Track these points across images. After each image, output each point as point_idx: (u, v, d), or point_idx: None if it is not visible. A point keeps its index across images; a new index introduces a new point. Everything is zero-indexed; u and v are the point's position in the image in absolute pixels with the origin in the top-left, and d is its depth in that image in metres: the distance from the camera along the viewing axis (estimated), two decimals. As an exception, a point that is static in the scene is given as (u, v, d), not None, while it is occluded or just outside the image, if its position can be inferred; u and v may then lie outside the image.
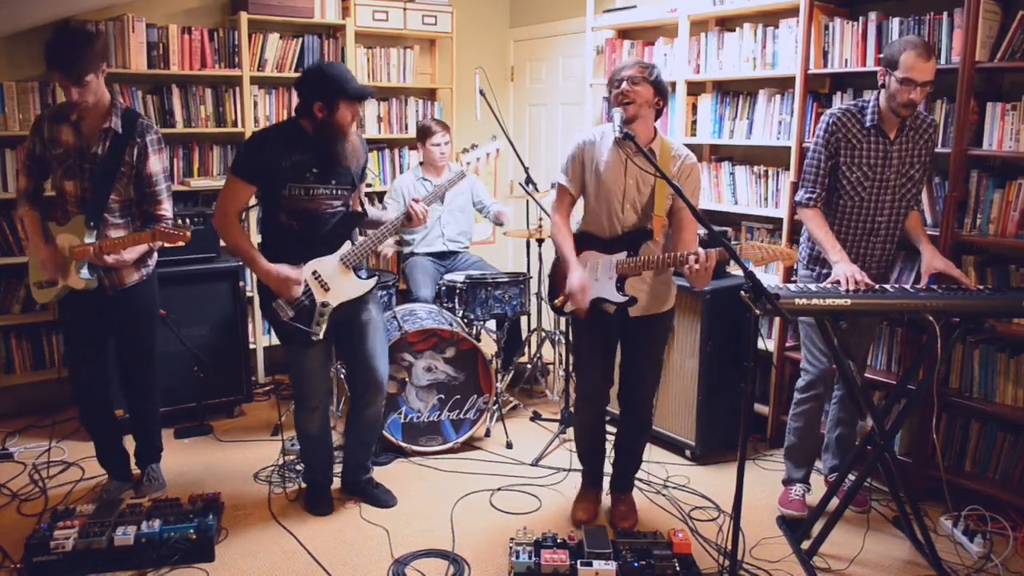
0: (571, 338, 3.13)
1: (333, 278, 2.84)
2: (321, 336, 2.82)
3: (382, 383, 3.01)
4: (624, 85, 2.70)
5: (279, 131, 2.82)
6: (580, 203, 2.93)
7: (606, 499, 3.20)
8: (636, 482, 3.32)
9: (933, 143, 2.92)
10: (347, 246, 2.88)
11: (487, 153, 3.01)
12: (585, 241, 2.87)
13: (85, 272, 2.86)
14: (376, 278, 2.98)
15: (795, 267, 3.21)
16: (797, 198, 3.00)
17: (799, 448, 3.13)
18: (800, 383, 3.10)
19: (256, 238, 2.95)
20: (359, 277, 2.91)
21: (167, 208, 2.96)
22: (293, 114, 2.79)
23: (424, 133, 4.32)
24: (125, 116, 2.85)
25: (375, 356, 2.98)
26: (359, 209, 2.95)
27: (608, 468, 3.17)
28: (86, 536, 2.63)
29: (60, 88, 2.72)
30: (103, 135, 2.82)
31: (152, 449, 3.28)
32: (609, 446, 3.16)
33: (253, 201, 2.84)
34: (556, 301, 2.89)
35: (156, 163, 2.90)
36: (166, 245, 2.86)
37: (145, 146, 2.86)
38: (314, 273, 2.82)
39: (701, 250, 2.56)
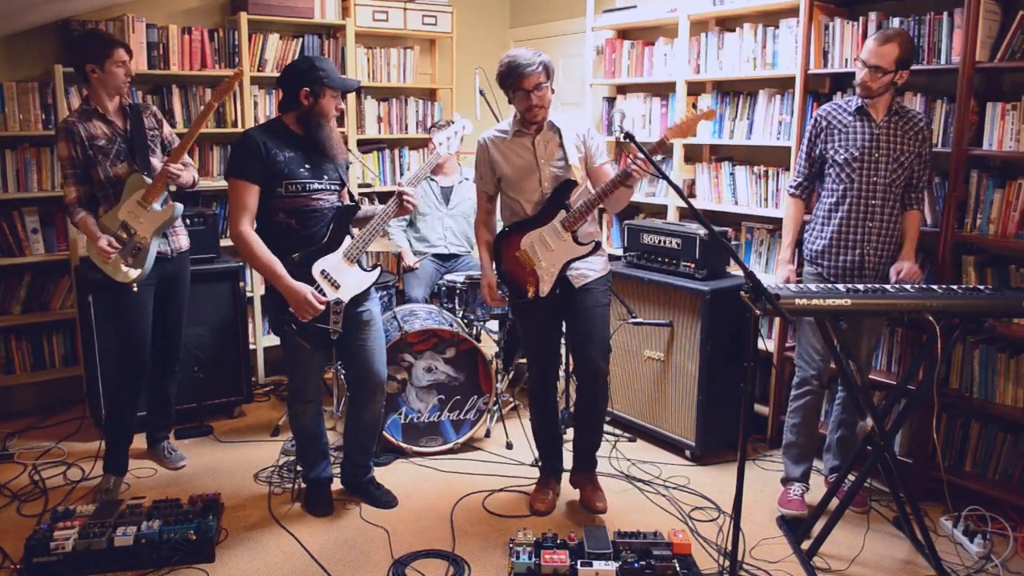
0: (518, 327, 3.28)
1: (341, 274, 2.86)
2: (340, 330, 2.85)
3: (381, 383, 3.02)
4: (532, 99, 2.80)
5: (266, 128, 2.85)
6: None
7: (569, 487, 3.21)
8: (635, 482, 3.32)
9: (925, 138, 2.93)
10: (348, 241, 2.89)
11: (455, 132, 3.14)
12: (517, 229, 2.97)
13: (156, 206, 3.06)
14: (380, 268, 2.98)
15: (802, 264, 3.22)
16: (786, 187, 3.08)
17: (796, 444, 3.14)
18: (794, 380, 3.12)
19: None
20: (363, 269, 2.92)
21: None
22: (278, 112, 2.88)
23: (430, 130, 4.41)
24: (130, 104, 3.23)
25: (374, 357, 2.99)
26: (349, 203, 2.96)
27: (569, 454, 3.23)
28: (86, 536, 2.63)
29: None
30: (124, 112, 3.16)
31: (170, 423, 3.58)
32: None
33: None
34: (528, 295, 2.94)
35: (167, 128, 3.30)
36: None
37: (154, 114, 3.25)
38: (323, 272, 2.82)
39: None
